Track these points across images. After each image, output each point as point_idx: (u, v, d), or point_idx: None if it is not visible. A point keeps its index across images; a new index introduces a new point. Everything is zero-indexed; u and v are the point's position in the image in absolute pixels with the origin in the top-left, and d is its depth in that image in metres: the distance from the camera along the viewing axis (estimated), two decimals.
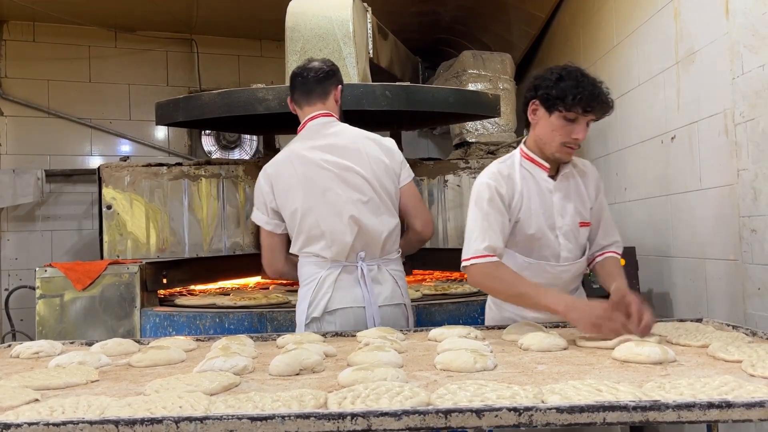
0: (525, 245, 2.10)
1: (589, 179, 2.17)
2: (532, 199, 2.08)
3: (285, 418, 1.14)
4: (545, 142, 2.05)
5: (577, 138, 1.99)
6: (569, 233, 2.10)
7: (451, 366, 1.55)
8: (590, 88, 1.94)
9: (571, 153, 2.05)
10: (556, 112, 1.98)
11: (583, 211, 2.13)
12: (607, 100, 1.98)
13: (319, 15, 3.23)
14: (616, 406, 1.15)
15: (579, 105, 1.94)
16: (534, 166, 2.10)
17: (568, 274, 2.14)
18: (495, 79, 4.48)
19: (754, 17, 2.29)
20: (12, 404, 1.31)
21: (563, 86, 1.95)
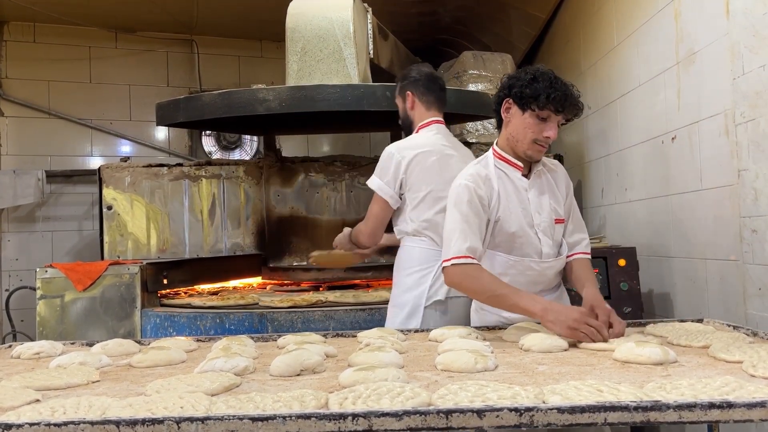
0: (506, 244, 2.12)
1: (559, 177, 2.22)
2: (510, 198, 2.11)
3: (286, 419, 1.14)
4: (517, 139, 2.09)
5: (548, 136, 2.04)
6: (547, 230, 2.14)
7: (452, 366, 1.55)
8: (563, 89, 2.01)
9: (541, 151, 2.10)
10: (529, 110, 2.03)
11: (558, 208, 2.17)
12: (577, 102, 2.05)
13: (320, 15, 3.23)
14: (617, 406, 1.15)
15: (552, 104, 2.00)
16: (507, 165, 2.14)
17: (552, 270, 2.17)
18: (495, 80, 4.46)
19: (754, 17, 2.29)
20: (13, 404, 1.31)
21: (537, 86, 2.01)
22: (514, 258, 2.11)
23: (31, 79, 5.04)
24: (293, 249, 3.73)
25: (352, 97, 2.97)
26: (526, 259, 2.12)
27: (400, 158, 2.46)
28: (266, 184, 3.72)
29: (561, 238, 2.19)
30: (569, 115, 2.07)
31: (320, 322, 2.86)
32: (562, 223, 2.19)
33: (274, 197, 3.73)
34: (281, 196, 3.73)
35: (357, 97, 2.98)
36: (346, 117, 3.48)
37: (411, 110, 2.58)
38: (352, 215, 3.75)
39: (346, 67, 3.19)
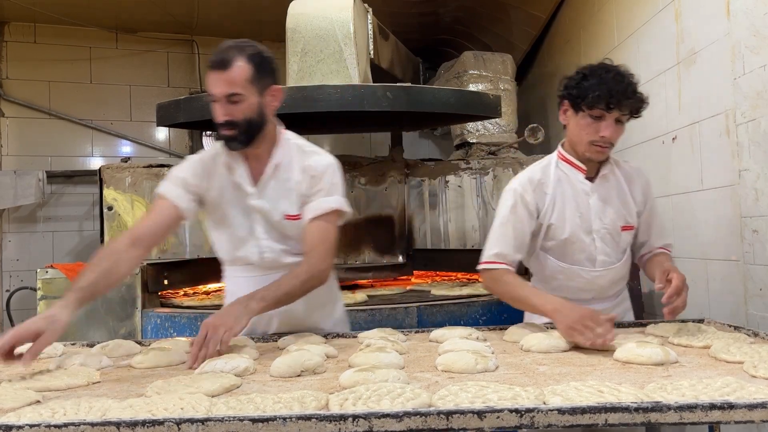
0: (559, 249, 2.10)
1: (635, 184, 2.14)
2: (566, 203, 2.07)
3: (286, 420, 1.14)
4: (575, 142, 2.05)
5: (604, 136, 1.96)
6: (607, 236, 2.09)
7: (452, 367, 1.55)
8: (612, 84, 1.92)
9: (602, 152, 2.01)
10: (581, 111, 1.98)
11: (627, 214, 2.10)
12: (630, 95, 1.94)
13: (320, 16, 3.23)
14: (617, 407, 1.15)
15: (600, 102, 1.93)
16: (570, 167, 2.09)
17: (604, 279, 2.12)
18: (496, 80, 4.48)
19: (755, 17, 2.29)
20: (13, 406, 1.31)
21: (586, 85, 1.95)
22: (564, 264, 2.10)
23: (32, 79, 5.04)
24: None
25: (353, 97, 2.97)
26: (576, 266, 2.10)
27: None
28: None
29: (627, 245, 2.14)
30: (624, 110, 1.96)
31: None
32: (631, 230, 2.12)
33: None
34: None
35: (357, 98, 2.98)
36: (347, 117, 3.47)
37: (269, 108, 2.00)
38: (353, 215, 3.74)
39: (346, 67, 3.19)
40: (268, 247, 2.02)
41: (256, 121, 1.92)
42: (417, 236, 3.84)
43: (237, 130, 1.90)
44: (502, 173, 3.84)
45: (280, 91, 2.00)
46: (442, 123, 4.78)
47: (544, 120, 4.87)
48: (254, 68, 1.89)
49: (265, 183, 2.01)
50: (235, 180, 2.00)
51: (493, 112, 3.52)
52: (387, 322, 2.76)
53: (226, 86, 1.86)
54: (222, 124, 1.90)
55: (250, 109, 1.90)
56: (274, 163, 2.01)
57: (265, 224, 2.02)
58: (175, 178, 2.00)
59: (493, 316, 2.97)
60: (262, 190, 2.01)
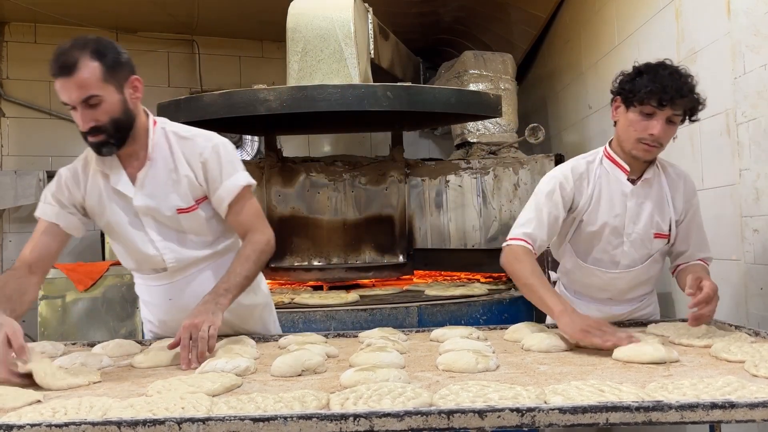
0: (585, 246, 2.09)
1: (678, 190, 2.09)
2: (603, 202, 2.05)
3: (287, 419, 1.14)
4: (623, 139, 2.01)
5: (653, 134, 1.92)
6: (637, 241, 2.06)
7: (453, 367, 1.55)
8: (666, 81, 1.88)
9: (649, 150, 1.96)
10: (632, 107, 1.94)
11: (661, 221, 2.06)
12: (685, 93, 1.89)
13: (320, 16, 3.23)
14: (618, 406, 1.14)
15: (652, 98, 1.88)
16: (614, 166, 2.06)
17: (622, 281, 2.10)
18: (496, 80, 4.47)
19: (755, 17, 2.29)
20: (14, 405, 1.31)
21: (639, 81, 1.91)
22: (583, 263, 2.10)
23: (32, 79, 5.03)
24: (294, 249, 3.72)
25: (353, 97, 2.97)
26: (592, 266, 2.09)
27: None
28: (267, 184, 3.72)
29: (657, 252, 2.10)
30: (677, 109, 1.90)
31: (321, 322, 2.86)
32: (664, 239, 2.08)
33: (275, 197, 3.72)
34: (282, 197, 3.72)
35: (358, 97, 2.98)
36: (347, 117, 3.47)
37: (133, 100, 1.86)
38: (353, 215, 3.75)
39: (346, 67, 3.19)
40: (167, 248, 1.93)
41: (123, 120, 1.79)
42: (417, 236, 3.84)
43: (105, 134, 1.76)
44: (502, 173, 3.84)
45: (140, 81, 1.85)
46: (442, 123, 4.78)
47: (545, 119, 4.87)
48: (103, 64, 1.73)
49: (146, 180, 1.88)
50: (113, 186, 1.88)
51: (493, 111, 3.52)
52: (388, 322, 2.76)
53: (79, 91, 1.71)
54: (88, 131, 1.76)
55: (112, 109, 1.75)
56: (152, 158, 1.88)
57: (156, 225, 1.91)
58: (48, 197, 1.91)
59: (494, 316, 2.98)
60: (145, 188, 1.88)
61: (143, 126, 1.89)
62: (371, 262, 3.73)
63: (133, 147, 1.87)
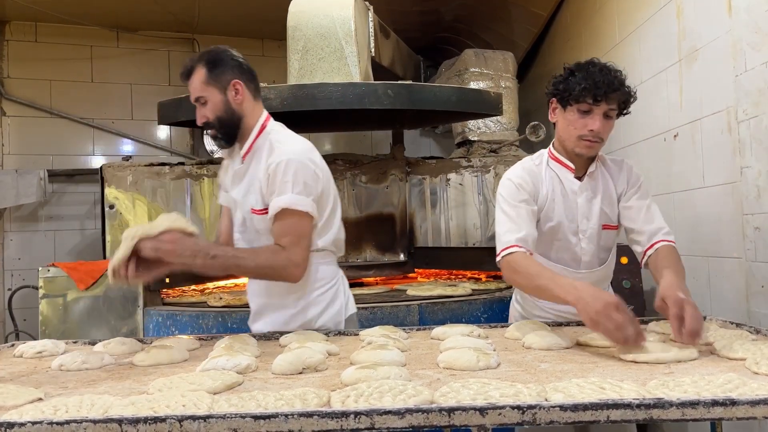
0: (544, 246, 2.09)
1: (619, 178, 2.11)
2: (556, 201, 2.07)
3: (288, 417, 1.14)
4: (564, 138, 2.05)
5: (592, 129, 1.96)
6: (593, 236, 2.08)
7: (454, 364, 1.55)
8: (597, 77, 1.92)
9: (591, 146, 2.00)
10: (569, 106, 1.98)
11: (610, 212, 2.09)
12: (617, 86, 1.93)
13: (321, 14, 3.23)
14: (619, 403, 1.14)
15: (587, 94, 1.93)
16: (560, 166, 2.09)
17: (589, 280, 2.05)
18: (497, 78, 4.47)
19: (756, 14, 2.29)
20: (15, 403, 1.31)
21: (573, 80, 1.95)
22: (549, 262, 2.08)
23: (33, 78, 5.04)
24: None
25: (354, 95, 2.97)
26: (560, 265, 2.09)
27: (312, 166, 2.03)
28: None
29: (611, 244, 2.12)
30: (611, 103, 1.95)
31: None
32: (614, 230, 2.10)
33: None
34: None
35: (358, 96, 2.98)
36: (348, 115, 3.47)
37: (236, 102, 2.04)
38: (354, 213, 3.75)
39: (347, 65, 3.19)
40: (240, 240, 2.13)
41: (226, 118, 2.03)
42: (418, 234, 3.84)
43: (213, 129, 2.05)
44: (503, 171, 3.81)
45: (242, 84, 2.05)
46: (443, 121, 4.78)
47: (546, 118, 4.86)
48: (207, 70, 2.01)
49: (241, 177, 2.09)
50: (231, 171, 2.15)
51: (494, 109, 3.52)
52: (389, 320, 2.76)
53: (192, 93, 2.04)
54: (202, 126, 2.07)
55: (216, 108, 2.02)
56: (250, 158, 2.08)
57: (241, 218, 2.12)
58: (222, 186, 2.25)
59: (495, 314, 2.97)
60: (238, 183, 2.11)
61: (249, 127, 2.08)
62: (372, 260, 3.73)
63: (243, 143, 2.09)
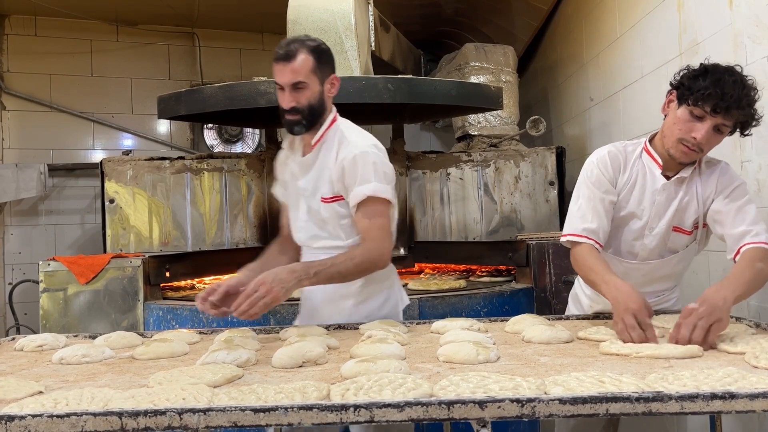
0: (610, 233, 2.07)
1: (708, 181, 2.01)
2: (634, 192, 2.03)
3: (288, 410, 1.14)
4: (666, 135, 1.96)
5: (695, 137, 1.85)
6: (658, 236, 2.04)
7: (453, 358, 1.55)
8: (728, 88, 1.80)
9: (687, 153, 1.90)
10: (684, 105, 1.87)
11: (685, 217, 2.02)
12: (743, 105, 1.81)
13: (321, 8, 3.22)
14: (618, 397, 1.15)
15: (707, 102, 1.80)
16: (650, 159, 2.03)
17: (639, 272, 2.08)
18: (497, 72, 4.46)
19: (758, 8, 2.28)
20: (16, 396, 1.31)
21: (701, 81, 1.84)
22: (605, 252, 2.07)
23: (33, 72, 5.03)
24: None
25: (354, 89, 2.96)
26: (609, 254, 2.08)
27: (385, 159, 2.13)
28: (268, 177, 3.71)
29: (680, 248, 2.07)
30: (729, 119, 1.83)
31: None
32: (685, 235, 2.04)
33: None
34: None
35: (358, 90, 2.97)
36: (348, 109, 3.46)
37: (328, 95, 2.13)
38: None
39: (347, 59, 3.18)
40: (304, 228, 2.17)
41: (317, 107, 2.09)
42: (418, 229, 3.84)
43: (300, 115, 2.07)
44: (503, 165, 3.84)
45: (338, 80, 2.14)
46: (443, 115, 4.77)
47: (546, 112, 4.86)
48: (315, 59, 2.06)
49: (309, 166, 2.14)
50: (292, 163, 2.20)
51: (494, 104, 3.51)
52: None
53: (291, 75, 2.04)
54: (288, 110, 2.07)
55: (312, 96, 2.07)
56: (319, 148, 2.13)
57: (307, 206, 2.15)
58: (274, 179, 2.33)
59: (495, 308, 2.98)
60: (306, 173, 2.14)
61: (324, 119, 2.14)
62: None
63: (313, 135, 2.13)
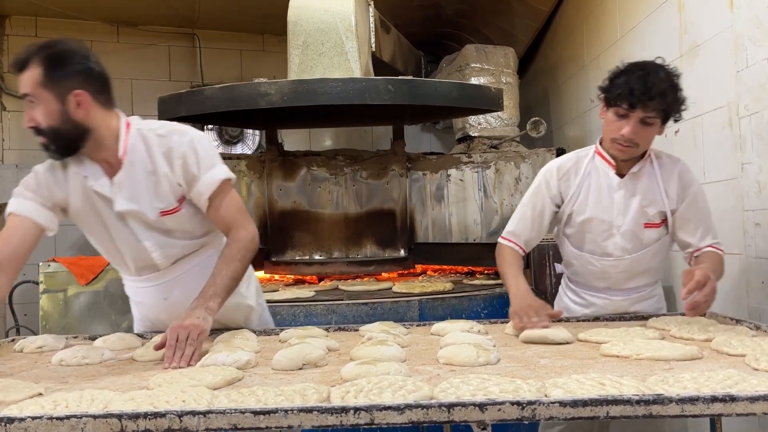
0: (577, 237, 2.15)
1: (672, 179, 2.08)
2: (590, 195, 2.10)
3: (288, 412, 1.14)
4: (604, 137, 2.07)
5: (623, 134, 1.94)
6: (629, 233, 2.08)
7: (453, 360, 1.55)
8: (635, 84, 1.88)
9: (623, 150, 1.99)
10: (610, 106, 1.97)
11: (652, 212, 2.07)
12: (654, 95, 1.88)
13: (321, 9, 3.22)
14: (619, 399, 1.14)
15: (623, 100, 1.91)
16: (603, 161, 2.10)
17: (616, 269, 2.13)
18: (498, 73, 4.46)
19: (758, 9, 2.28)
20: (16, 398, 1.31)
21: (617, 81, 1.93)
22: (577, 251, 2.17)
23: None
24: (296, 243, 3.72)
25: (354, 90, 2.96)
26: (587, 254, 2.15)
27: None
28: (268, 178, 3.72)
29: (652, 242, 2.10)
30: (650, 111, 1.90)
31: (322, 315, 2.86)
32: (656, 228, 2.08)
33: (277, 191, 3.72)
34: (283, 190, 3.72)
35: (359, 91, 2.97)
36: (348, 111, 3.47)
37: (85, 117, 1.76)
38: (355, 209, 3.75)
39: (348, 60, 3.18)
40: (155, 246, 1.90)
41: (63, 130, 1.73)
42: (419, 230, 3.84)
43: (46, 138, 1.74)
44: (503, 167, 3.83)
45: (85, 96, 1.74)
46: (443, 116, 4.76)
47: (546, 113, 4.86)
48: (44, 70, 1.71)
49: (125, 184, 1.83)
50: (93, 188, 1.83)
51: (495, 105, 3.51)
52: (389, 316, 2.76)
53: (22, 87, 1.74)
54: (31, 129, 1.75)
55: (49, 116, 1.71)
56: (127, 161, 1.82)
57: (142, 226, 1.88)
58: (24, 193, 1.84)
59: (495, 310, 2.98)
60: (123, 191, 1.83)
61: (112, 134, 1.82)
62: (372, 256, 3.73)
63: (102, 154, 1.83)
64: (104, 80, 1.82)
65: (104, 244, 1.95)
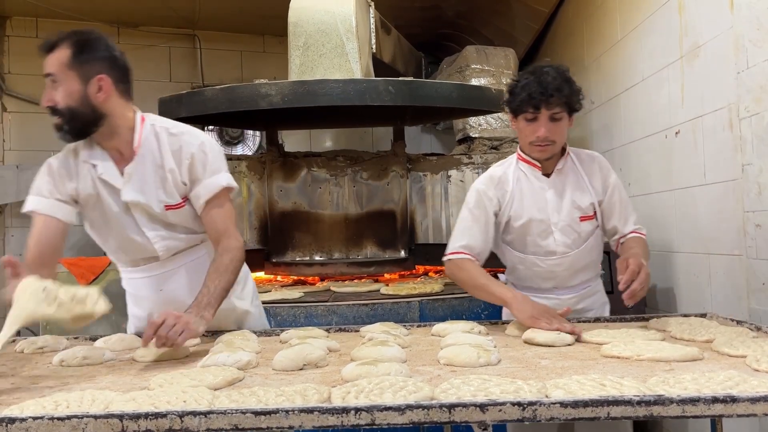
0: (518, 241, 2.18)
1: (594, 173, 2.17)
2: (524, 198, 2.14)
3: (289, 413, 1.14)
4: (521, 144, 2.15)
5: (539, 135, 2.03)
6: (567, 228, 2.13)
7: (454, 361, 1.55)
8: (532, 87, 1.99)
9: (543, 150, 2.07)
10: (518, 116, 2.06)
11: (584, 205, 2.14)
12: (552, 92, 1.97)
13: (322, 10, 3.22)
14: (620, 400, 1.15)
15: (527, 104, 2.00)
16: (527, 165, 2.16)
17: (561, 267, 2.16)
18: (498, 74, 4.47)
19: (759, 11, 2.28)
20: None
21: (515, 91, 2.04)
22: (521, 255, 2.18)
23: (34, 74, 4.99)
24: (296, 244, 3.73)
25: (355, 91, 2.96)
26: (531, 256, 2.16)
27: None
28: (269, 179, 3.72)
29: (590, 233, 2.16)
30: (554, 108, 2.00)
31: (323, 316, 2.86)
32: (591, 219, 2.15)
33: (277, 192, 3.72)
34: (284, 191, 3.72)
35: (359, 92, 2.97)
36: (349, 112, 3.47)
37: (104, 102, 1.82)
38: (355, 210, 3.75)
39: (348, 61, 3.19)
40: (157, 237, 1.93)
41: (81, 112, 1.79)
42: (419, 231, 3.84)
43: (61, 118, 1.79)
44: None
45: (106, 82, 1.80)
46: (444, 117, 4.77)
47: None
48: (73, 52, 1.76)
49: (134, 175, 1.88)
50: (100, 176, 1.88)
51: (495, 106, 3.51)
52: (389, 317, 2.76)
53: (46, 68, 1.78)
54: (47, 109, 1.80)
55: (70, 97, 1.77)
56: (139, 153, 1.88)
57: (146, 217, 1.91)
58: (40, 190, 1.89)
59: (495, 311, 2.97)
60: (132, 182, 1.88)
61: (127, 124, 1.89)
62: (373, 257, 3.73)
63: (114, 142, 1.88)
64: (126, 71, 1.91)
65: (110, 232, 1.97)
